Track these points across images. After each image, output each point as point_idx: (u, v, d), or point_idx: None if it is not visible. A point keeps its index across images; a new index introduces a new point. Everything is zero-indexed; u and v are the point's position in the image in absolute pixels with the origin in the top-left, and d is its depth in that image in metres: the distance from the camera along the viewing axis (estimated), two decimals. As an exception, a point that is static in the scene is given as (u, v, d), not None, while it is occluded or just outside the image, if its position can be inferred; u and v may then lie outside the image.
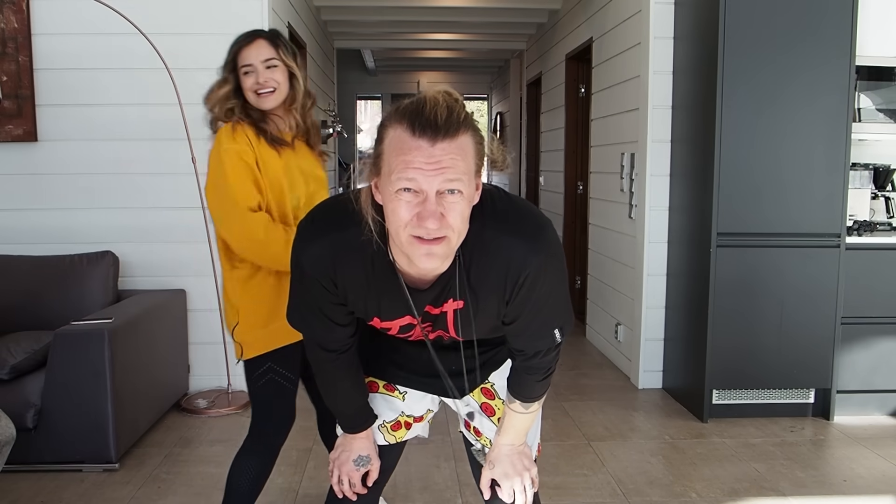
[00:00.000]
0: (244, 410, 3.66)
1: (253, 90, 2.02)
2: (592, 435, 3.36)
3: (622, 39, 4.31)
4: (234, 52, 2.06)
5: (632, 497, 2.75)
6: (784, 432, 3.41)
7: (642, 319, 4.00)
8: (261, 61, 2.02)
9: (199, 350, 3.84)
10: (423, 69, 10.56)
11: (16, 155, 3.69)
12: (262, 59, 2.02)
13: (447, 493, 2.77)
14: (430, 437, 3.30)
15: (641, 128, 3.97)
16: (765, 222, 3.44)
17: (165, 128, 3.66)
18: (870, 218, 3.72)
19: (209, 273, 3.71)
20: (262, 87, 2.02)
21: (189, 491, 2.79)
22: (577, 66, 5.63)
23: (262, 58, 2.02)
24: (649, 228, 3.94)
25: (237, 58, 2.04)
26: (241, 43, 2.05)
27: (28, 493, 2.75)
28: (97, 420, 2.88)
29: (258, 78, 2.01)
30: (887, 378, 3.57)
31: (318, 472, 2.95)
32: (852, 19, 3.35)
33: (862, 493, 2.80)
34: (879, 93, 3.64)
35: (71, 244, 3.68)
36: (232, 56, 2.06)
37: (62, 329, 2.90)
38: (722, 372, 3.48)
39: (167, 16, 3.65)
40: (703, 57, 3.49)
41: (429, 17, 6.67)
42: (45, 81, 3.66)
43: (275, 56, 2.03)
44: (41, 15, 3.62)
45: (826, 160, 3.42)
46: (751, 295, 3.45)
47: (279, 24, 4.08)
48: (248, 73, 2.02)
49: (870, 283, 3.50)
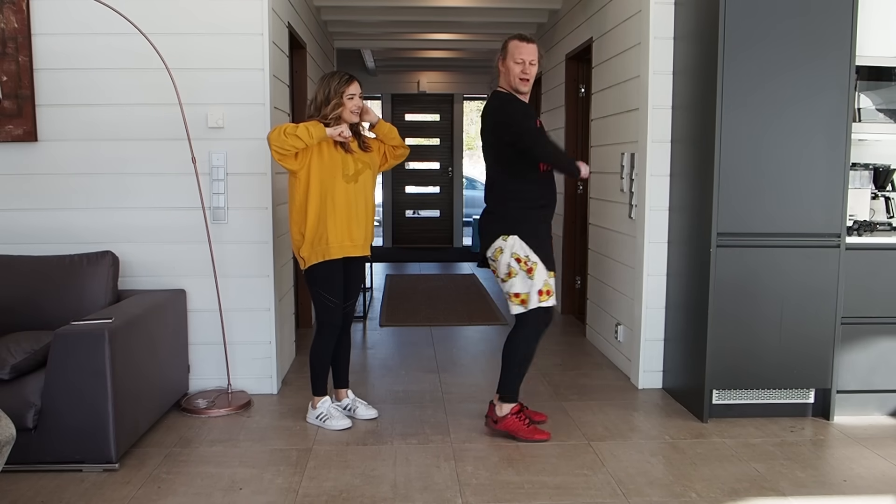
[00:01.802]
0: (244, 410, 3.66)
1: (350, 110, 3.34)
2: (592, 435, 3.36)
3: (622, 39, 4.31)
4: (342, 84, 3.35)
5: (632, 497, 2.75)
6: (784, 432, 3.41)
7: (642, 319, 4.00)
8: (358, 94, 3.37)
9: (199, 350, 3.84)
10: (423, 69, 10.55)
11: (16, 155, 3.69)
12: (359, 92, 3.37)
13: (447, 493, 2.78)
14: (430, 437, 3.32)
15: (641, 128, 3.97)
16: (765, 222, 3.44)
17: (165, 128, 3.66)
18: (870, 218, 3.72)
19: (209, 273, 3.71)
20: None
21: (189, 491, 2.79)
22: (577, 66, 5.63)
23: (359, 91, 3.37)
24: (649, 228, 3.94)
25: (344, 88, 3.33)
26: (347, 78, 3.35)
27: (28, 493, 2.75)
28: (97, 420, 2.88)
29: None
30: (887, 378, 3.57)
31: (318, 472, 2.95)
32: (852, 19, 3.35)
33: (862, 493, 2.80)
34: (879, 93, 3.64)
35: (71, 244, 3.68)
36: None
37: (62, 329, 2.90)
38: (722, 372, 3.49)
39: (167, 16, 3.65)
40: (703, 57, 3.49)
41: (429, 17, 6.66)
42: (45, 81, 3.66)
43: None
44: (41, 15, 3.62)
45: (826, 160, 3.42)
46: (751, 295, 3.45)
47: (279, 24, 4.08)
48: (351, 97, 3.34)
49: (870, 283, 3.50)
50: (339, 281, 3.36)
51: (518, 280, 3.25)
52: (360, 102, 3.35)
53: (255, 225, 3.79)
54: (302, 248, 3.31)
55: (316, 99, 3.34)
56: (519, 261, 3.23)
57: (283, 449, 3.20)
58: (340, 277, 3.37)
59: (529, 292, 3.23)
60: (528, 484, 2.85)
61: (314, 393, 3.48)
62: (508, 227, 3.25)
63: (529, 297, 3.24)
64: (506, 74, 3.28)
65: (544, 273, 3.23)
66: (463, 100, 11.07)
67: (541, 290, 3.23)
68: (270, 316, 3.86)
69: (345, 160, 3.29)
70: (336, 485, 2.84)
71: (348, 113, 3.31)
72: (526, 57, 3.23)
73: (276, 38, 3.97)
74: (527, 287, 3.24)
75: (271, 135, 3.16)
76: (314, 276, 3.34)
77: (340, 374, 3.60)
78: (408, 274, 8.43)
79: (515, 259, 3.24)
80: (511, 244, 3.24)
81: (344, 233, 3.30)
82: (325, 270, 3.32)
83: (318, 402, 3.47)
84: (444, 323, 5.74)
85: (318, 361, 3.44)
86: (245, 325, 3.84)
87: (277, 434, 3.36)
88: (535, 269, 3.22)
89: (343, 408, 3.55)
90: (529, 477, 2.91)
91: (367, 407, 3.57)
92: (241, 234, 3.79)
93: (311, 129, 3.17)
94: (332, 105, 3.29)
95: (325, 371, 3.46)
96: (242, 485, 2.84)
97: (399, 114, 10.83)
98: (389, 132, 3.51)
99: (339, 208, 3.28)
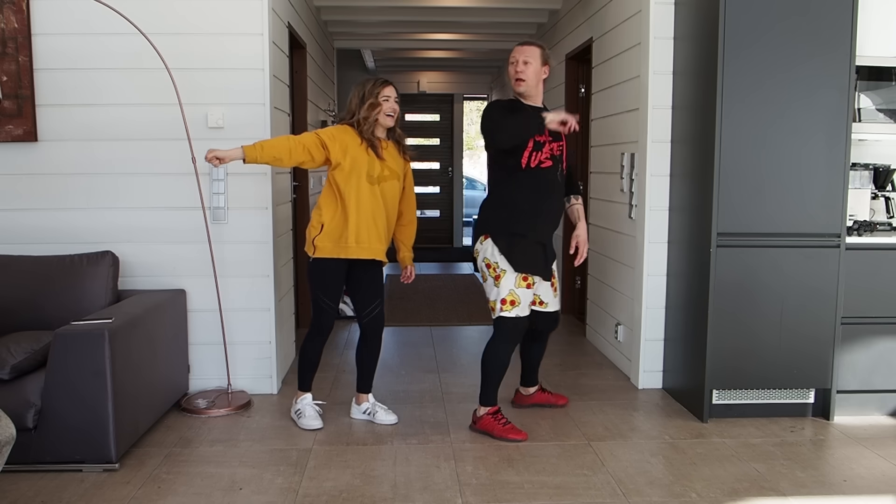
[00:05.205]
0: (244, 410, 3.66)
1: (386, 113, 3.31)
2: (592, 435, 3.36)
3: (622, 40, 4.31)
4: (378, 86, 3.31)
5: (632, 497, 2.75)
6: (784, 432, 3.41)
7: (642, 319, 4.00)
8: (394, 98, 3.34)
9: (199, 350, 3.84)
10: (423, 69, 10.55)
11: (16, 155, 3.69)
12: (395, 96, 3.34)
13: (447, 493, 2.78)
14: (430, 437, 3.32)
15: (641, 128, 3.97)
16: (765, 222, 3.44)
17: (165, 128, 3.66)
18: (870, 218, 3.72)
19: (209, 273, 3.71)
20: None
21: (189, 491, 2.79)
22: (577, 66, 5.63)
23: (395, 95, 3.34)
24: (649, 228, 3.94)
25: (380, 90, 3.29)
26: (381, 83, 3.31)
27: (28, 493, 2.75)
28: (97, 420, 2.88)
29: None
30: (887, 378, 3.57)
31: (318, 472, 2.95)
32: (852, 19, 3.35)
33: (862, 493, 2.80)
34: (879, 93, 3.64)
35: (71, 244, 3.68)
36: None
37: (62, 329, 2.90)
38: (722, 372, 3.49)
39: (167, 16, 3.65)
40: (703, 57, 3.49)
41: (429, 17, 6.66)
42: (45, 81, 3.65)
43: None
44: (41, 15, 3.62)
45: (826, 160, 3.42)
46: (751, 295, 3.45)
47: (279, 24, 4.08)
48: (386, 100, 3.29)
49: (870, 283, 3.50)
50: (337, 285, 3.35)
51: (488, 285, 3.28)
52: (395, 106, 3.29)
53: (255, 225, 3.79)
54: (318, 237, 3.27)
55: (350, 103, 3.29)
56: (489, 266, 3.24)
57: (283, 449, 3.20)
58: (341, 282, 3.36)
59: (495, 300, 3.24)
60: (528, 484, 2.85)
61: (298, 387, 3.51)
62: (484, 231, 3.28)
63: (495, 304, 3.24)
64: (509, 81, 3.29)
65: (511, 282, 3.20)
66: (463, 100, 11.07)
67: (504, 299, 3.21)
68: (270, 316, 3.86)
69: (371, 162, 3.24)
70: (336, 485, 2.84)
71: (384, 115, 3.26)
72: (518, 56, 3.23)
73: (276, 38, 3.97)
74: (493, 294, 3.25)
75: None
76: (315, 270, 3.31)
77: (363, 379, 3.55)
78: (408, 274, 8.42)
79: (486, 264, 3.25)
80: (484, 248, 3.27)
81: (365, 233, 3.25)
82: (327, 269, 3.30)
83: (299, 397, 3.50)
84: (444, 323, 5.75)
85: (304, 358, 3.46)
86: (245, 325, 3.84)
87: (277, 434, 3.36)
88: (501, 277, 3.21)
89: (363, 412, 3.54)
90: (529, 477, 2.91)
91: (386, 412, 3.52)
92: (241, 234, 3.79)
93: (266, 141, 3.17)
94: (367, 105, 3.23)
95: (309, 368, 3.47)
96: (242, 485, 2.84)
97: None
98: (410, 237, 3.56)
99: (362, 208, 3.23)
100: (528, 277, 3.21)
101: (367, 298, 3.43)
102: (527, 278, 3.21)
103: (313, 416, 3.45)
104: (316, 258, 3.29)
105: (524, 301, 3.23)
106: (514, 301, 3.21)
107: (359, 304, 3.46)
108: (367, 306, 3.43)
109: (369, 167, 3.23)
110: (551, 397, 3.74)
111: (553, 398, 3.73)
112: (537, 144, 3.20)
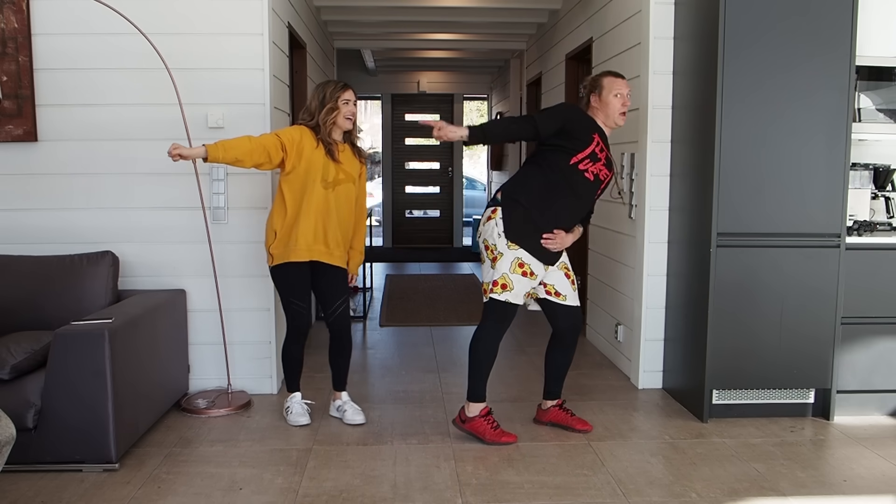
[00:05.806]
0: (244, 410, 3.66)
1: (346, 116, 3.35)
2: (592, 435, 3.36)
3: (622, 39, 4.31)
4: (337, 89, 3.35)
5: (632, 497, 2.75)
6: (784, 432, 3.41)
7: (642, 319, 4.00)
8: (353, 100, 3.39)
9: (199, 350, 3.84)
10: (423, 69, 10.55)
11: (16, 155, 3.69)
12: (354, 100, 3.39)
13: (447, 493, 2.78)
14: (430, 437, 3.32)
15: (641, 128, 3.97)
16: (765, 222, 3.44)
17: (165, 128, 3.66)
18: (870, 218, 3.72)
19: (209, 273, 3.71)
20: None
21: (189, 491, 2.79)
22: (577, 66, 5.63)
23: (354, 98, 3.39)
24: (649, 228, 3.94)
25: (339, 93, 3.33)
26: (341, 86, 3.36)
27: (28, 493, 2.75)
28: (97, 420, 2.88)
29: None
30: (887, 378, 3.57)
31: (318, 472, 2.95)
32: (852, 19, 3.35)
33: (862, 493, 2.80)
34: (879, 93, 3.64)
35: (71, 244, 3.68)
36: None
37: (62, 329, 2.90)
38: (722, 372, 3.49)
39: (167, 16, 3.65)
40: (703, 57, 3.49)
41: (429, 17, 6.66)
42: (45, 81, 3.65)
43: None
44: (41, 15, 3.62)
45: (826, 160, 3.42)
46: (751, 295, 3.45)
47: (279, 24, 4.08)
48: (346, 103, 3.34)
49: (870, 283, 3.50)
50: (303, 285, 3.36)
51: (485, 268, 3.27)
52: (354, 109, 3.35)
53: (255, 225, 3.78)
54: (273, 245, 3.31)
55: (310, 105, 3.34)
56: (487, 248, 3.23)
57: (283, 449, 3.21)
58: (306, 282, 3.36)
59: (489, 282, 3.22)
60: (528, 484, 2.85)
61: (287, 389, 3.56)
62: (497, 202, 3.24)
63: (487, 286, 3.22)
64: (603, 108, 3.25)
65: (506, 266, 3.16)
66: (463, 100, 11.08)
67: (496, 281, 3.18)
68: (270, 316, 3.86)
69: (326, 166, 3.27)
70: (336, 485, 2.84)
71: (342, 118, 3.31)
72: (624, 91, 3.25)
73: (276, 38, 3.97)
74: (488, 276, 3.23)
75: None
76: (278, 277, 3.36)
77: (336, 378, 3.58)
78: (408, 274, 8.43)
79: (485, 246, 3.24)
80: (486, 229, 3.23)
81: (313, 236, 3.27)
82: (289, 273, 3.32)
83: (288, 396, 3.54)
84: (444, 323, 5.75)
85: (286, 361, 3.52)
86: (245, 325, 3.84)
87: (277, 434, 3.36)
88: (498, 260, 3.18)
89: (336, 409, 3.57)
90: (529, 477, 2.91)
91: (355, 412, 3.52)
92: (241, 234, 3.79)
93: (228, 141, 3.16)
94: (326, 109, 3.27)
95: (293, 370, 3.52)
96: (242, 485, 2.84)
97: (399, 114, 10.83)
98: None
99: (314, 211, 3.26)
100: (523, 265, 3.18)
101: (329, 298, 3.44)
102: (522, 265, 3.18)
103: (301, 412, 3.48)
104: (274, 266, 3.34)
105: (518, 288, 3.18)
106: (506, 285, 3.18)
107: (323, 305, 3.47)
108: (330, 306, 3.44)
109: (324, 171, 3.27)
110: (570, 419, 3.43)
111: (571, 420, 3.42)
112: (594, 156, 3.18)
